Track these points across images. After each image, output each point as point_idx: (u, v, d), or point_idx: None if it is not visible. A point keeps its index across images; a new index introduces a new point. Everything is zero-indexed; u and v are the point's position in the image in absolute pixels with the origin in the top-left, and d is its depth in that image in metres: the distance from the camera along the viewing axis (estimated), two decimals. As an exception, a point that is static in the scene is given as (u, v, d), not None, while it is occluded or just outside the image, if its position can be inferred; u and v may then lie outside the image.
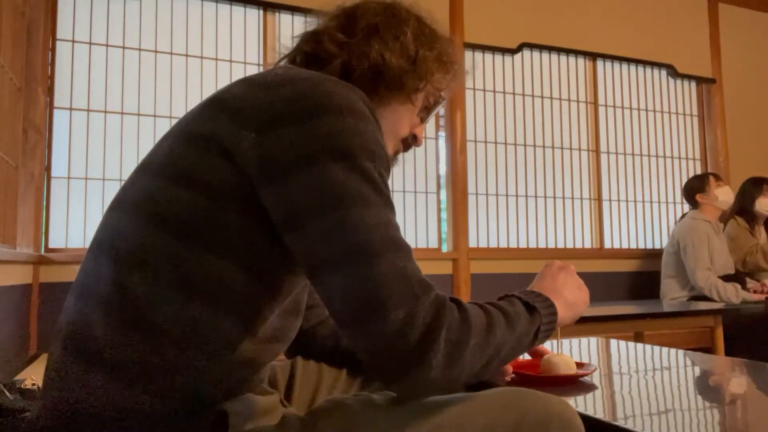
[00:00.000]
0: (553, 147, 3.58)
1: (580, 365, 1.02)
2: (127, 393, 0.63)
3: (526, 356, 1.09)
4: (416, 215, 3.22)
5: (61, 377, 0.65)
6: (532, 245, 3.47)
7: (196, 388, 0.66)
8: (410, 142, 0.91)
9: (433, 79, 0.87)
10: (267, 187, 0.64)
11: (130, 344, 0.63)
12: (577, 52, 3.66)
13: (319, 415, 0.67)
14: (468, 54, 3.38)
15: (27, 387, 1.15)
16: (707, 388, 1.05)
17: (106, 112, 2.65)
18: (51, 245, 2.52)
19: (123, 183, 0.75)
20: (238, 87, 0.72)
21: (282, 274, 0.70)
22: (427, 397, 0.65)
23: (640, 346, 1.45)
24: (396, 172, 3.20)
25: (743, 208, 3.38)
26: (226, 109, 0.69)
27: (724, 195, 3.21)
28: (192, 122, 0.71)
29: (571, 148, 3.64)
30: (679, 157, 3.97)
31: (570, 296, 0.83)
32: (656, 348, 1.40)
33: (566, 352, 1.39)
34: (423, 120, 0.92)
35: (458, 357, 0.61)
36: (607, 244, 3.67)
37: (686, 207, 3.44)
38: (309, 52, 0.85)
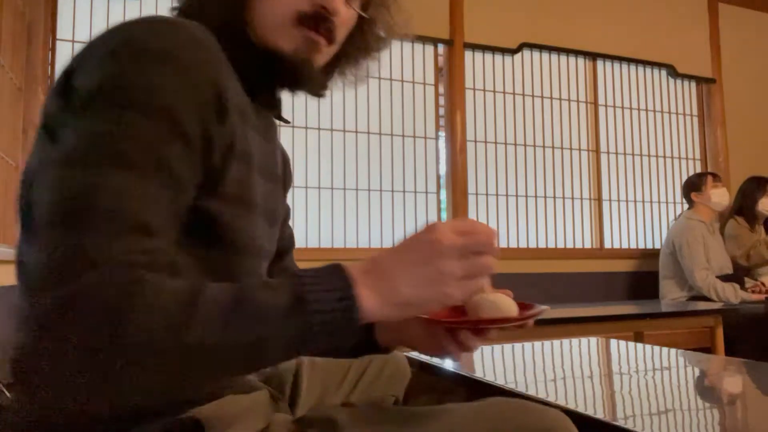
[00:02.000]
0: (553, 147, 3.58)
1: (524, 306, 0.71)
2: (77, 405, 0.54)
3: None
4: (416, 215, 3.22)
5: (13, 402, 0.59)
6: (532, 245, 3.47)
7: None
8: (314, 14, 0.69)
9: None
10: None
11: (58, 353, 0.56)
12: (577, 52, 3.66)
13: (304, 427, 0.64)
14: (468, 54, 3.39)
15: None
16: (707, 388, 1.05)
17: (106, 112, 2.64)
18: (51, 245, 2.52)
19: None
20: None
21: (215, 253, 0.61)
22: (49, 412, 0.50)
23: (640, 346, 1.45)
24: (396, 171, 3.22)
25: (743, 207, 3.38)
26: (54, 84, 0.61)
27: (718, 197, 3.20)
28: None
29: (571, 148, 3.63)
30: (679, 157, 3.97)
31: (408, 287, 0.54)
32: (656, 348, 1.40)
33: (565, 350, 1.39)
34: None
35: (89, 364, 0.45)
36: (607, 244, 3.67)
37: (686, 207, 3.44)
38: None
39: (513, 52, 3.48)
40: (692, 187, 3.29)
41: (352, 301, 0.52)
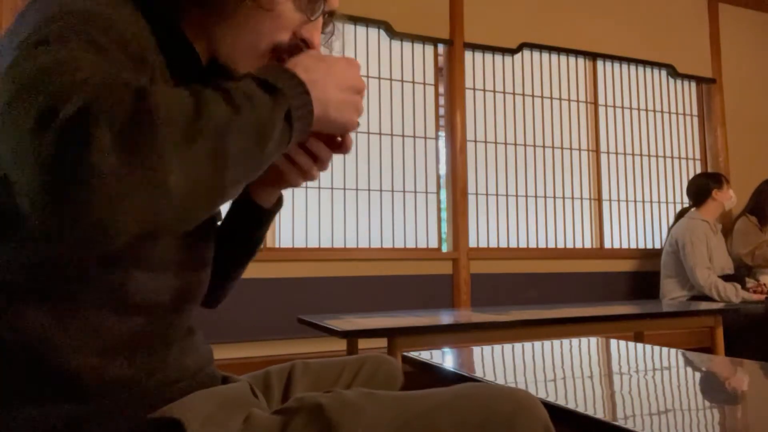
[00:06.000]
0: (553, 147, 3.58)
1: None
2: (41, 412, 0.56)
3: None
4: (416, 215, 3.22)
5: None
6: (532, 245, 3.47)
7: (98, 391, 0.57)
8: (290, 46, 0.68)
9: None
10: None
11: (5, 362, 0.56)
12: (577, 52, 3.66)
13: (289, 413, 0.65)
14: (468, 54, 3.39)
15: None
16: (707, 388, 1.05)
17: (106, 112, 2.64)
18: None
19: None
20: None
21: None
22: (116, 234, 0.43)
23: (640, 346, 1.45)
24: (396, 171, 3.21)
25: (757, 207, 3.42)
26: None
27: (734, 196, 3.27)
28: None
29: (571, 148, 3.63)
30: (679, 157, 3.97)
31: (336, 93, 0.62)
32: (656, 348, 1.40)
33: (565, 350, 1.39)
34: (311, 16, 0.68)
35: (147, 157, 0.42)
36: (607, 244, 3.67)
37: (687, 206, 3.45)
38: None
39: (513, 52, 3.48)
40: (710, 187, 3.23)
41: (307, 90, 0.58)
